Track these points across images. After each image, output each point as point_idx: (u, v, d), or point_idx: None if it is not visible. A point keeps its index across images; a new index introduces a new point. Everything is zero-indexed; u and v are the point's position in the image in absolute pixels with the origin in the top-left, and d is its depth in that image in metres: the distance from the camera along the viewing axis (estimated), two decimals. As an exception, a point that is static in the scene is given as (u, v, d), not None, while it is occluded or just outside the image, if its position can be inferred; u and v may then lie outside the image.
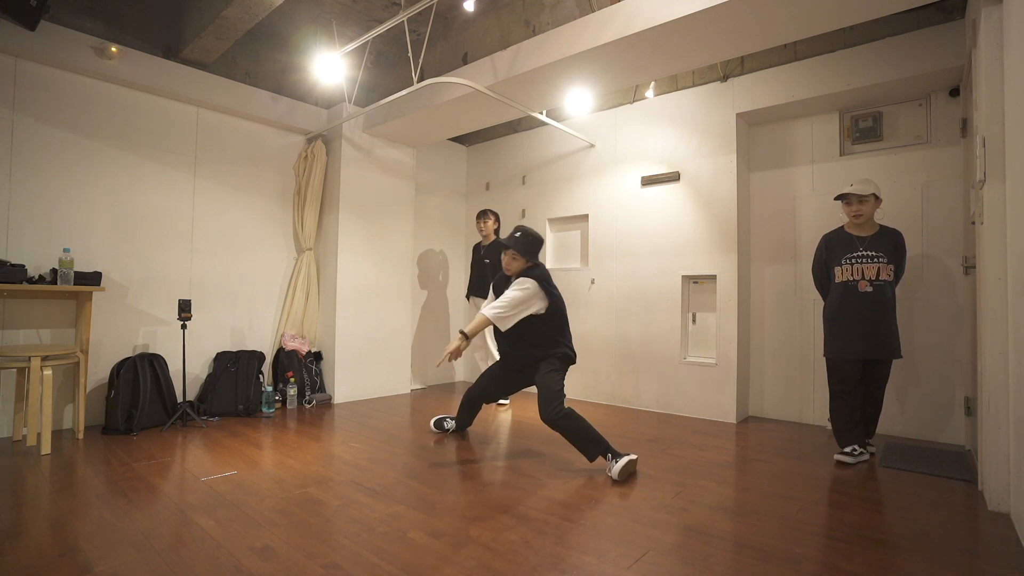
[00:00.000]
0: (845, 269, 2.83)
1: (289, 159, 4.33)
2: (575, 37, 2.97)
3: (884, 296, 2.74)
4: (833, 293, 2.88)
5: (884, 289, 2.74)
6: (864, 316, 2.74)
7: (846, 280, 2.81)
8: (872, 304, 2.74)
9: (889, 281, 2.76)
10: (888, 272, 2.75)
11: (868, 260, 2.76)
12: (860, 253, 2.79)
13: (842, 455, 2.73)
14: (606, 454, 2.50)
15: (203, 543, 1.74)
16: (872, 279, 2.75)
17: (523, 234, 2.81)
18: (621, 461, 2.41)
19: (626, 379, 4.16)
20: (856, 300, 2.77)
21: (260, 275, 4.14)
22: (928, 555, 1.71)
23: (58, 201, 3.21)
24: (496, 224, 4.41)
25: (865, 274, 2.76)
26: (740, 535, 1.86)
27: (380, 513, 2.02)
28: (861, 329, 2.74)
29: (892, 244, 2.78)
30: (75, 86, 3.29)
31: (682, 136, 3.95)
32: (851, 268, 2.80)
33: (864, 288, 2.75)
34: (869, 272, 2.75)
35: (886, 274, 2.74)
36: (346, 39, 4.23)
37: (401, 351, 4.62)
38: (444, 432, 3.24)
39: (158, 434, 3.13)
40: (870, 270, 2.75)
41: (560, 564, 1.63)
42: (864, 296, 2.75)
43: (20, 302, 3.07)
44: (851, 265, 2.80)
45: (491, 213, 4.40)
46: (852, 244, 2.83)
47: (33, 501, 2.08)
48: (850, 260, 2.81)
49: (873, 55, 3.18)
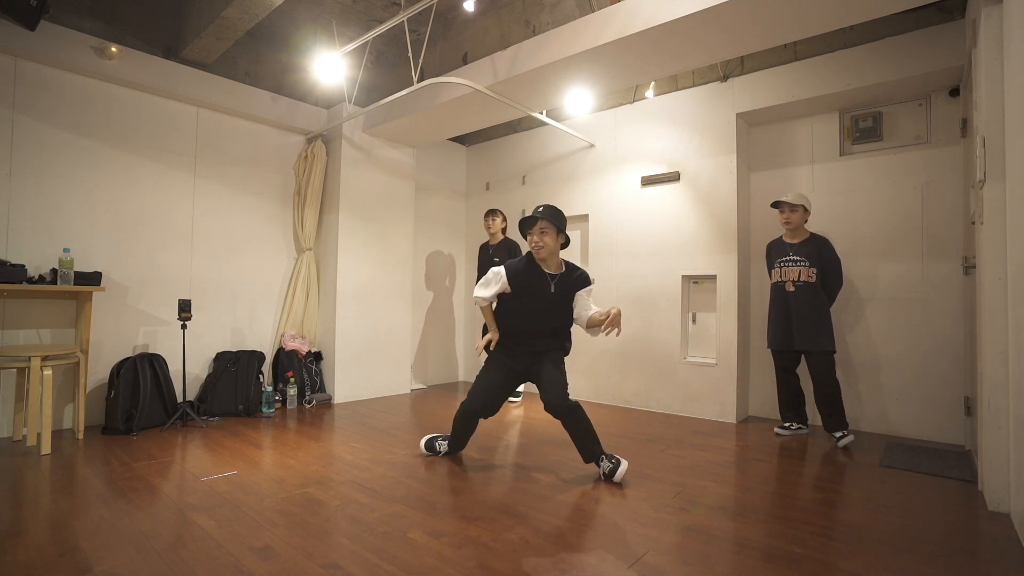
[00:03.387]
0: (775, 272, 3.27)
1: (289, 159, 4.33)
2: (575, 37, 2.97)
3: (808, 295, 3.11)
4: (771, 291, 3.31)
5: (806, 289, 3.12)
6: (789, 312, 3.16)
7: (776, 281, 3.25)
8: (796, 302, 3.13)
9: (811, 283, 3.12)
10: (809, 274, 3.12)
11: (793, 264, 3.18)
12: (788, 258, 3.21)
13: (779, 428, 3.27)
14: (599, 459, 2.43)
15: (203, 543, 1.74)
16: (795, 280, 3.15)
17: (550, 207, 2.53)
18: (624, 465, 2.38)
19: (626, 379, 4.16)
20: (783, 298, 3.20)
21: (260, 275, 4.14)
22: (928, 555, 1.71)
23: (58, 201, 3.21)
24: (504, 223, 4.38)
25: (790, 276, 3.18)
26: (740, 535, 1.86)
27: (380, 513, 2.02)
28: (787, 324, 3.17)
29: (816, 250, 3.14)
30: (75, 86, 3.29)
31: (682, 136, 3.95)
32: (780, 271, 3.24)
33: (789, 288, 3.17)
34: (792, 275, 3.17)
35: (807, 276, 3.13)
36: (346, 39, 4.23)
37: (401, 351, 4.61)
38: (436, 455, 2.77)
39: (158, 434, 3.13)
40: (794, 272, 3.17)
41: (560, 564, 1.63)
42: (789, 295, 3.17)
43: (20, 302, 3.07)
44: (780, 268, 3.24)
45: (499, 212, 4.38)
46: (784, 250, 3.25)
47: (33, 501, 2.08)
48: (780, 264, 3.24)
49: (873, 55, 3.18)
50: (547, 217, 2.48)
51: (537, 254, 2.52)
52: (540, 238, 2.49)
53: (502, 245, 4.32)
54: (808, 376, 3.20)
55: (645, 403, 4.05)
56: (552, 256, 2.54)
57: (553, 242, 2.51)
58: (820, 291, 3.12)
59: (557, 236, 2.52)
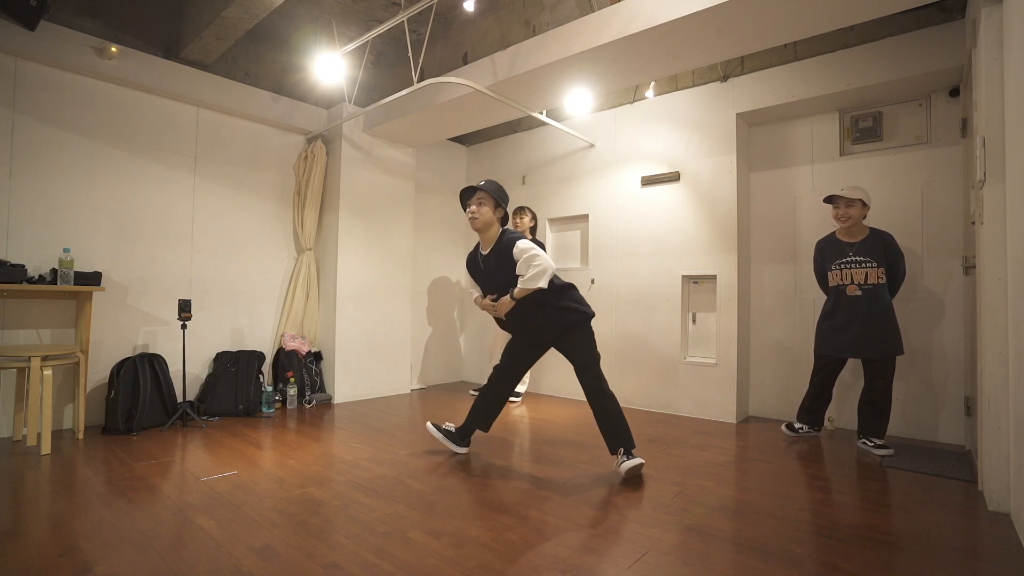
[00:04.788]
0: (835, 274, 3.00)
1: (289, 159, 4.33)
2: (575, 37, 2.97)
3: (875, 299, 2.86)
4: (829, 295, 3.07)
5: (874, 292, 2.86)
6: (854, 318, 2.89)
7: (836, 284, 2.99)
8: (861, 307, 2.88)
9: (880, 284, 2.87)
10: (878, 276, 2.86)
11: (857, 265, 2.91)
12: (849, 258, 2.94)
13: (789, 428, 3.25)
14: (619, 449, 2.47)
15: (203, 543, 1.74)
16: (861, 283, 2.89)
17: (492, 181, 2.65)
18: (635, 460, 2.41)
19: (626, 379, 4.16)
20: (846, 303, 2.94)
21: (260, 275, 4.14)
22: (928, 555, 1.71)
23: (58, 201, 3.21)
24: (533, 222, 4.24)
25: (854, 279, 2.91)
26: (740, 535, 1.86)
27: (380, 513, 2.02)
28: (850, 330, 2.90)
29: (882, 247, 2.88)
30: (75, 86, 3.29)
31: (682, 136, 3.95)
32: (840, 273, 2.97)
33: (853, 292, 2.91)
34: (858, 277, 2.90)
35: (875, 278, 2.86)
36: (346, 39, 4.23)
37: (401, 351, 4.62)
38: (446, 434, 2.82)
39: (158, 434, 3.13)
40: (859, 275, 2.90)
41: (560, 564, 1.63)
42: (853, 299, 2.91)
43: (20, 302, 3.07)
44: (840, 270, 2.97)
45: (528, 210, 4.26)
46: (842, 250, 2.98)
47: (33, 501, 2.08)
48: (839, 265, 2.97)
49: (873, 55, 3.18)
50: (486, 188, 2.58)
51: (472, 224, 2.62)
52: (477, 208, 2.58)
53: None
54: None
55: (645, 403, 4.05)
56: (488, 227, 2.60)
57: (489, 214, 2.58)
58: (887, 292, 2.88)
59: (495, 209, 2.59)
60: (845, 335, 2.92)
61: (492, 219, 2.59)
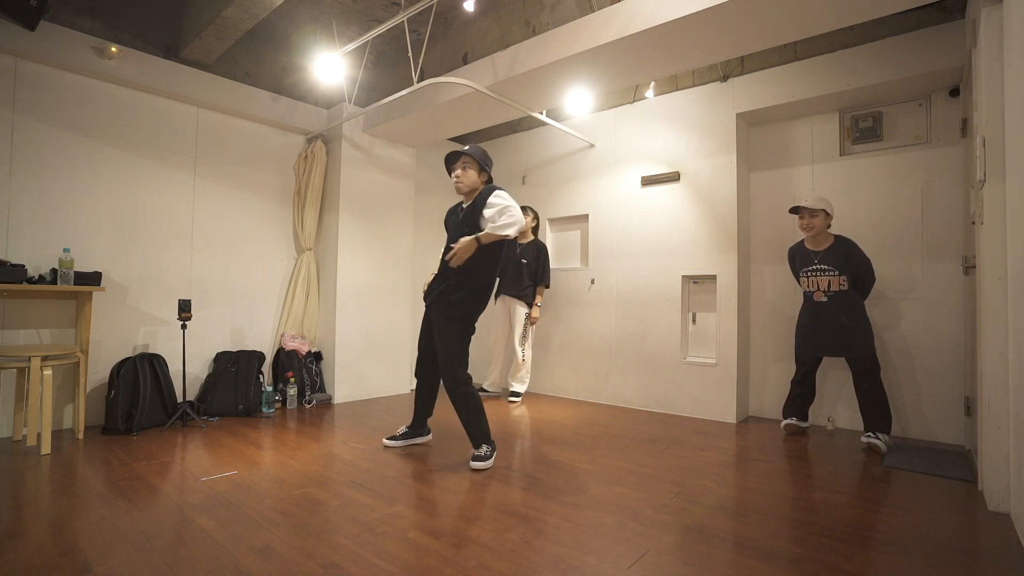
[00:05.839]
0: (804, 280, 3.15)
1: (289, 159, 4.33)
2: (575, 37, 2.97)
3: (840, 303, 3.00)
4: (803, 299, 3.22)
5: (839, 297, 3.01)
6: (821, 321, 3.07)
7: (806, 290, 3.15)
8: (828, 311, 3.03)
9: (843, 290, 3.00)
10: (840, 283, 3.00)
11: (821, 273, 3.05)
12: (815, 266, 3.08)
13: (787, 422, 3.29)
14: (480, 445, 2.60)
15: (203, 543, 1.74)
16: (825, 290, 3.04)
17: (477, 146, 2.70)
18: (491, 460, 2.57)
19: (626, 379, 4.16)
20: (814, 307, 3.11)
21: (260, 275, 4.14)
22: (928, 555, 1.71)
23: (58, 201, 3.21)
24: (535, 221, 4.30)
25: (819, 285, 3.07)
26: (740, 535, 1.86)
27: (380, 513, 2.02)
28: (817, 332, 3.09)
29: (844, 256, 3.00)
30: (75, 86, 3.29)
31: (682, 136, 3.95)
32: (808, 280, 3.12)
33: (819, 298, 3.07)
34: (823, 284, 3.05)
35: (837, 285, 3.01)
36: (346, 39, 4.23)
37: (401, 351, 4.62)
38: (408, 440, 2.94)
39: (158, 434, 3.13)
40: (823, 282, 3.05)
41: (560, 564, 1.63)
42: (820, 305, 3.07)
43: (20, 302, 3.07)
44: (808, 277, 3.12)
45: (529, 210, 4.31)
46: (809, 257, 3.12)
47: (33, 501, 2.08)
48: (807, 273, 3.12)
49: (873, 55, 3.18)
50: (470, 153, 2.62)
51: (457, 189, 2.66)
52: (462, 173, 2.63)
53: (531, 245, 4.26)
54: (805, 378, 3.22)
55: (645, 403, 4.05)
56: (472, 192, 2.65)
57: (474, 177, 2.63)
58: (854, 295, 3.00)
59: (480, 173, 2.65)
60: (817, 338, 3.10)
61: (477, 183, 2.65)
